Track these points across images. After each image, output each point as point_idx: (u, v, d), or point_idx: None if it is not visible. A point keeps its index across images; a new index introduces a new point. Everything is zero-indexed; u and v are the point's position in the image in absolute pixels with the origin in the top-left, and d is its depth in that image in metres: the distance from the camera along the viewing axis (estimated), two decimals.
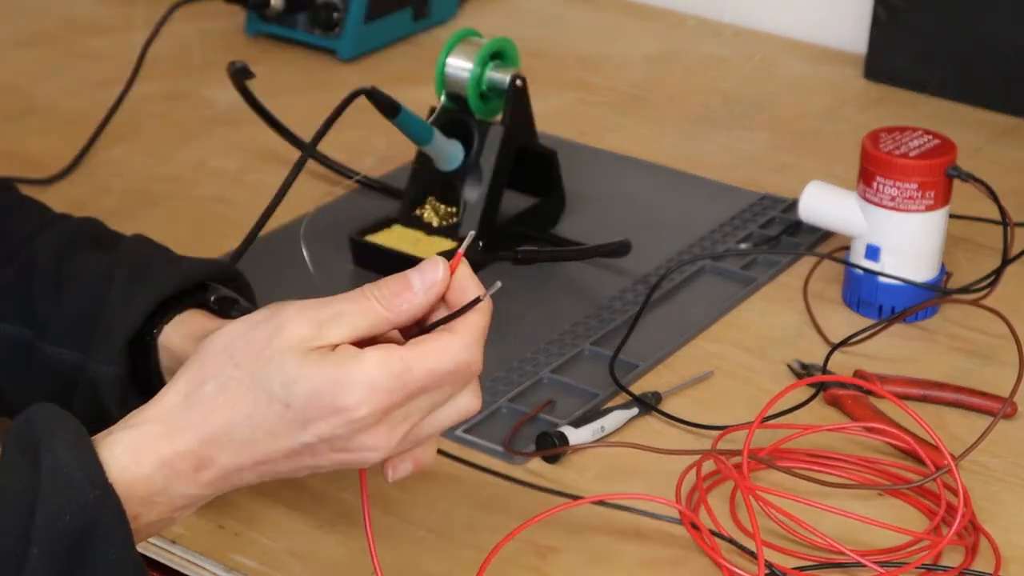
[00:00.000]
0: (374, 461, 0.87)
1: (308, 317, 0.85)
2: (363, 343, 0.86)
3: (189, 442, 0.85)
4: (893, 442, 1.14)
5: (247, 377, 0.85)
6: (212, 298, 1.04)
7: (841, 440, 1.16)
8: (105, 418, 1.00)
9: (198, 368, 0.86)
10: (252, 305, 1.05)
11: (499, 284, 0.87)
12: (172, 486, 0.85)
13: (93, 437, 0.85)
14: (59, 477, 0.81)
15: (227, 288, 1.06)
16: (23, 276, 1.05)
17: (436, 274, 0.86)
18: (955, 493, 1.09)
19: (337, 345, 0.85)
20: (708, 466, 1.12)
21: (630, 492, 1.08)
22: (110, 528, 0.82)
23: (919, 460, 1.13)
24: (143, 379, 1.03)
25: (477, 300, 0.86)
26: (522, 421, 1.16)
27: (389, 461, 0.89)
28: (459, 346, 0.85)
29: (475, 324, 0.86)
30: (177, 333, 1.02)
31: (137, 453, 0.84)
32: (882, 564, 1.02)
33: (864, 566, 1.02)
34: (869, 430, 1.15)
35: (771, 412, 1.16)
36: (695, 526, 1.04)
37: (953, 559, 1.05)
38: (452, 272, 0.87)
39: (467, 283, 0.87)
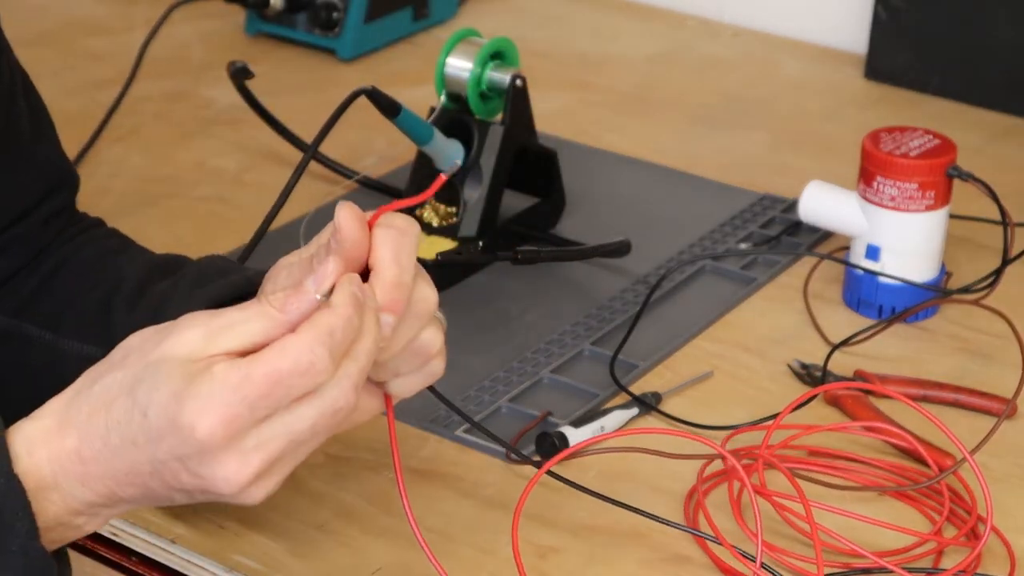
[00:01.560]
0: (231, 493, 0.82)
1: (202, 323, 0.83)
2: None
3: (73, 439, 0.83)
4: (897, 443, 1.14)
5: (128, 380, 0.83)
6: None
7: (838, 440, 1.16)
8: None
9: (97, 366, 0.85)
10: None
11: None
12: (62, 484, 0.83)
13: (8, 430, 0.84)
14: None
15: None
16: (105, 303, 1.05)
17: (326, 268, 0.83)
18: (958, 493, 1.09)
19: (226, 354, 0.82)
20: (711, 468, 1.12)
21: (632, 502, 1.08)
22: (14, 515, 0.81)
23: (919, 460, 1.13)
24: None
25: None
26: (523, 431, 1.16)
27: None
28: (297, 344, 0.81)
29: (318, 321, 0.82)
30: None
31: (31, 444, 0.83)
32: (910, 570, 1.02)
33: (891, 571, 1.02)
34: (873, 430, 1.15)
35: (770, 412, 1.16)
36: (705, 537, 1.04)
37: (956, 559, 1.05)
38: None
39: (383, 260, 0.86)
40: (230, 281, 1.00)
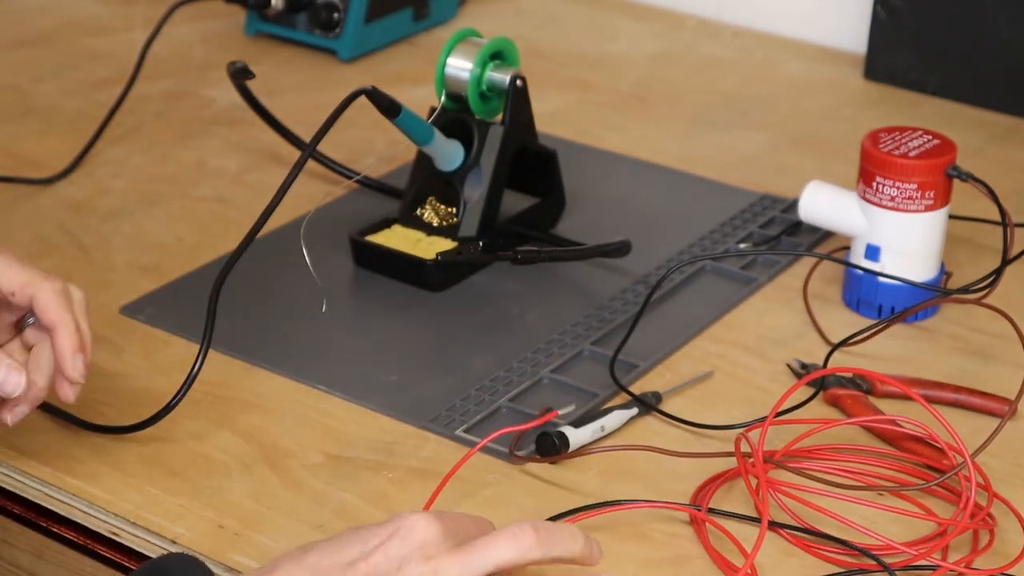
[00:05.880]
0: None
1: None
2: None
3: None
4: (913, 432, 1.14)
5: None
6: None
7: (840, 439, 1.16)
8: None
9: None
10: None
11: None
12: None
13: None
14: None
15: None
16: None
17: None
18: (960, 493, 1.09)
19: None
20: (711, 467, 1.12)
21: (635, 499, 1.08)
22: None
23: (922, 456, 1.13)
24: None
25: None
26: (524, 429, 1.16)
27: None
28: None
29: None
30: None
31: None
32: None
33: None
34: (881, 435, 1.15)
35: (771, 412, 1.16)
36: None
37: (961, 552, 1.05)
38: None
39: None
40: None
